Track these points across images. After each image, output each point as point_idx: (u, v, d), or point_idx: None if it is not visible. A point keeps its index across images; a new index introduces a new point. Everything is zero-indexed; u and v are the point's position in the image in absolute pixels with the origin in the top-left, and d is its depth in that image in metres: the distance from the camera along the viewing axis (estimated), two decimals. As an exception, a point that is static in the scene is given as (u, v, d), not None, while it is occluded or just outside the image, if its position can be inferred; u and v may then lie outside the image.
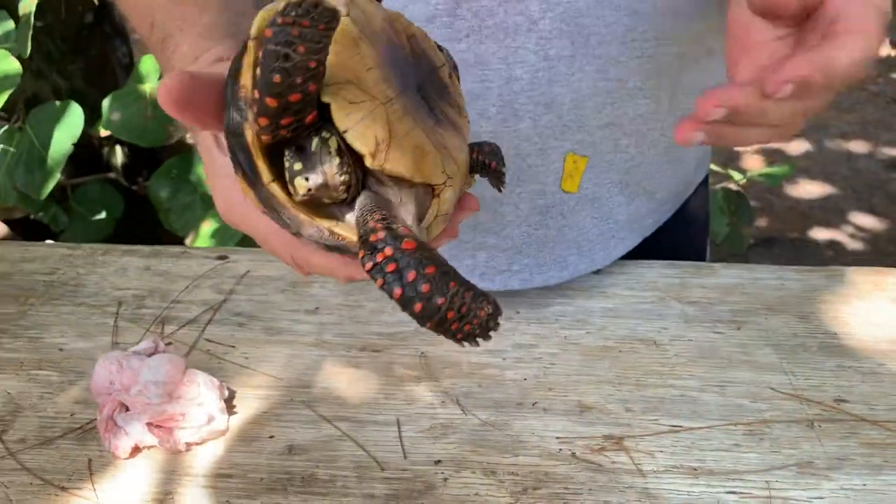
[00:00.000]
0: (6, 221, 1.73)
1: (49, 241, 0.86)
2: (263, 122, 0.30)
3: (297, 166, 0.32)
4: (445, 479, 0.49)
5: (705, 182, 0.79)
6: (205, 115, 0.35)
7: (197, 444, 0.51)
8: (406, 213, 0.34)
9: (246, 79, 0.32)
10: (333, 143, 0.32)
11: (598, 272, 0.69)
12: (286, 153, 0.32)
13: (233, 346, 0.61)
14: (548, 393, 0.56)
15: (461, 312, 0.31)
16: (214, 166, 0.42)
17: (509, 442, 0.52)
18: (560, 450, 0.51)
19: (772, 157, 2.88)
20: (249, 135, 0.32)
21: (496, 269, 0.64)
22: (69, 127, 1.24)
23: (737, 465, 0.50)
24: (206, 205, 1.30)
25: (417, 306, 0.31)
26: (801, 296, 0.66)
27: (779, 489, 0.48)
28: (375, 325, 0.63)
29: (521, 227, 0.62)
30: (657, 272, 0.70)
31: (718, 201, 1.88)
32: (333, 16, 0.29)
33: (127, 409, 0.52)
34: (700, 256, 0.82)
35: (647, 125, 0.62)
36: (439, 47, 0.40)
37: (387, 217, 0.32)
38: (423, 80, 0.37)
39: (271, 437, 0.52)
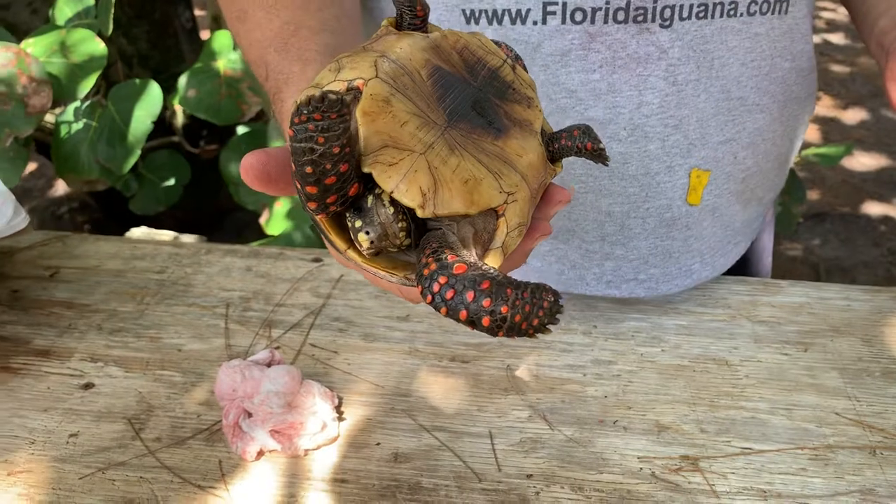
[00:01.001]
0: (93, 194, 1.80)
1: (150, 233, 0.92)
2: (312, 205, 0.34)
3: (358, 223, 0.35)
4: (537, 493, 0.54)
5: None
6: (285, 188, 0.39)
7: (313, 449, 0.58)
8: (467, 242, 0.37)
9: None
10: (386, 196, 0.35)
11: (670, 287, 0.73)
12: (347, 215, 0.36)
13: (335, 352, 0.67)
14: (627, 411, 0.61)
15: (525, 311, 0.33)
16: None
17: (594, 459, 0.57)
18: (641, 469, 0.56)
19: (827, 125, 2.84)
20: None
21: (623, 277, 0.69)
22: (148, 105, 1.30)
23: (803, 489, 0.55)
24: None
25: (485, 321, 0.33)
26: (867, 318, 0.70)
27: (843, 515, 0.53)
28: (462, 334, 0.68)
29: (648, 240, 0.67)
30: (727, 289, 0.73)
31: (772, 179, 1.88)
32: (341, 103, 0.32)
33: (249, 415, 0.58)
34: (763, 254, 0.86)
35: (762, 136, 0.66)
36: (497, 43, 0.42)
37: (436, 249, 0.35)
38: (482, 88, 0.39)
39: (378, 444, 0.58)
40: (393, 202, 0.35)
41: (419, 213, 0.35)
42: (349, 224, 0.36)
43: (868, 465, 0.56)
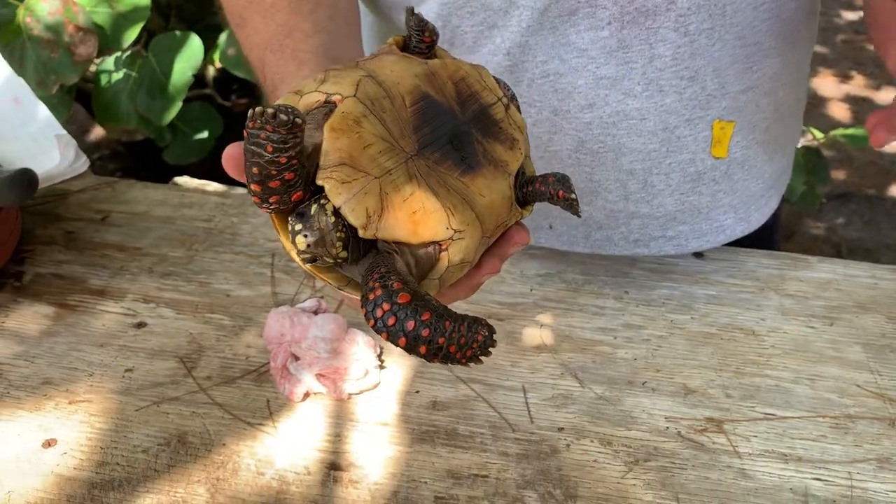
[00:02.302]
0: (125, 143, 1.83)
1: (198, 183, 0.95)
2: (255, 200, 0.37)
3: (298, 227, 0.37)
4: (568, 445, 0.57)
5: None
6: None
7: (356, 394, 0.61)
8: (410, 268, 0.38)
9: None
10: (330, 206, 0.37)
11: (700, 257, 0.75)
12: (289, 218, 0.37)
13: (375, 305, 0.69)
14: (656, 374, 0.63)
15: (461, 343, 0.35)
16: None
17: (622, 417, 0.60)
18: (667, 427, 0.59)
19: (858, 105, 2.81)
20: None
21: (650, 235, 0.70)
22: (189, 57, 1.31)
23: (823, 454, 0.57)
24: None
25: (422, 349, 0.35)
26: (892, 296, 0.71)
27: (860, 480, 0.55)
28: (497, 294, 0.71)
29: (673, 196, 0.68)
30: (756, 262, 0.75)
31: (798, 159, 1.88)
32: (291, 124, 0.34)
33: (297, 359, 0.61)
34: (772, 229, 0.87)
35: (780, 82, 0.67)
36: (497, 80, 0.44)
37: (384, 275, 0.36)
38: (467, 123, 0.41)
39: (417, 392, 0.61)
40: (336, 213, 0.37)
41: (361, 234, 0.37)
42: (290, 227, 0.37)
43: (887, 435, 0.59)
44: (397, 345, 0.35)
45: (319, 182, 0.37)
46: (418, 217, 0.37)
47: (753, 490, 0.54)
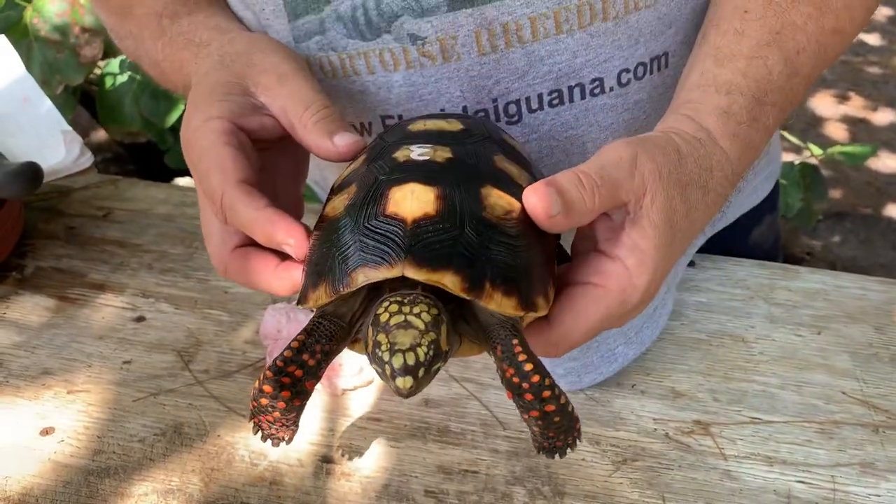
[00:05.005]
0: (127, 145, 1.85)
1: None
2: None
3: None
4: (557, 444, 0.58)
5: (774, 207, 0.83)
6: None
7: (350, 390, 0.62)
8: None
9: None
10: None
11: (692, 265, 0.76)
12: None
13: (371, 305, 0.70)
14: (645, 377, 0.64)
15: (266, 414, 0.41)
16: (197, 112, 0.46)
17: (611, 417, 0.61)
18: (655, 429, 0.60)
19: (855, 126, 2.83)
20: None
21: None
22: (193, 61, 1.33)
23: (807, 458, 0.58)
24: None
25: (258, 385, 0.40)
26: (880, 307, 0.73)
27: (842, 484, 0.56)
28: (492, 296, 0.72)
29: None
30: (747, 271, 0.76)
31: (795, 176, 1.89)
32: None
33: (292, 355, 0.62)
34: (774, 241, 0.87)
35: None
36: None
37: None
38: None
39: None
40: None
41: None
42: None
43: (870, 441, 0.60)
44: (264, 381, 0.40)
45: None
46: None
47: (738, 491, 0.55)
